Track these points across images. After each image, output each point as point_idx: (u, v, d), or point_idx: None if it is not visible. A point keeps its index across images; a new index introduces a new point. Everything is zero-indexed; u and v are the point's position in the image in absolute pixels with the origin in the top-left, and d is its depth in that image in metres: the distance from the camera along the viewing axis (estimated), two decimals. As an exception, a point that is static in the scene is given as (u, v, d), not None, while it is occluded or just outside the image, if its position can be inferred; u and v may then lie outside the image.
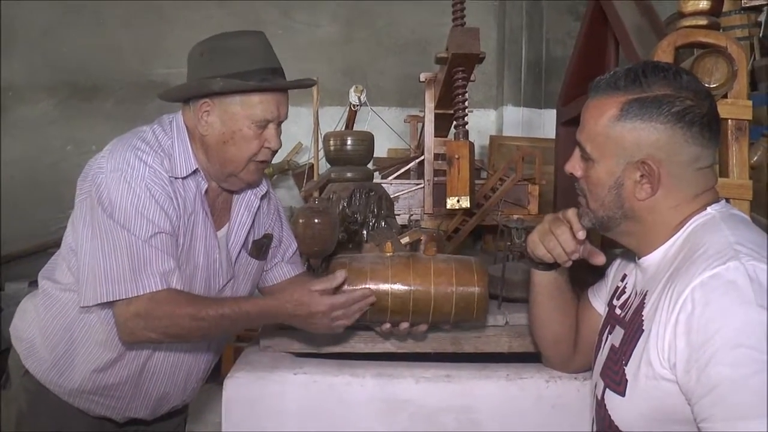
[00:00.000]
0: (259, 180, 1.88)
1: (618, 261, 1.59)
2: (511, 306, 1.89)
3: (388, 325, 1.66)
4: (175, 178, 1.74)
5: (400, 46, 5.38)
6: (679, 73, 1.30)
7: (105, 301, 1.64)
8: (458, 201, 2.26)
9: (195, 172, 1.77)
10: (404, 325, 1.65)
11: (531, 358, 1.75)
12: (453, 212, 2.69)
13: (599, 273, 1.64)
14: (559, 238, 1.46)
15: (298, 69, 1.85)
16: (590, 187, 1.37)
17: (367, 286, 1.60)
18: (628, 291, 1.45)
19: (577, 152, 1.40)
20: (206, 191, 1.80)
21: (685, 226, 1.31)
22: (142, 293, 1.63)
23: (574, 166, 1.40)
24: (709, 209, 1.31)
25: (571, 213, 1.46)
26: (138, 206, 1.65)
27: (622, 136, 1.30)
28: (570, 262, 1.50)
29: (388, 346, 1.76)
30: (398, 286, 1.61)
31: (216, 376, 2.13)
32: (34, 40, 5.28)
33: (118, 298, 1.63)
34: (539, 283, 1.59)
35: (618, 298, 1.47)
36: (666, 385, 1.20)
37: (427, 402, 1.63)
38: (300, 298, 1.62)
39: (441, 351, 1.77)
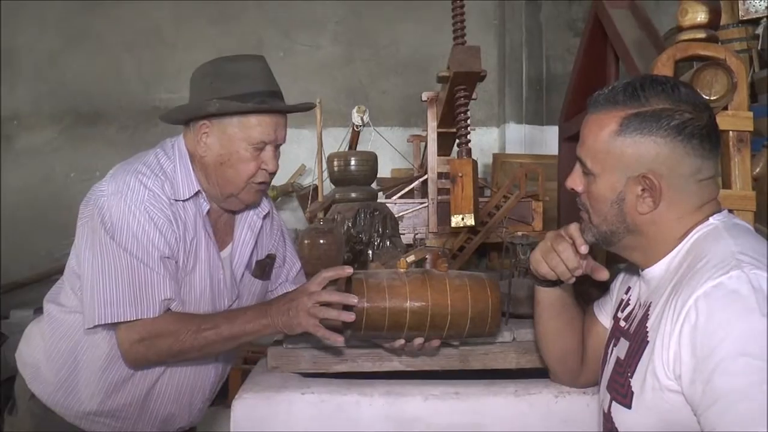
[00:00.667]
0: (259, 201, 1.91)
1: (622, 274, 1.59)
2: (518, 322, 1.89)
3: (402, 341, 1.64)
4: (177, 200, 1.76)
5: (401, 66, 5.40)
6: (677, 86, 1.30)
7: (106, 322, 1.67)
8: (462, 219, 2.26)
9: (197, 194, 1.79)
10: (418, 341, 1.64)
11: (539, 374, 1.74)
12: (458, 230, 2.69)
13: (604, 287, 1.64)
14: (561, 255, 1.46)
15: (300, 90, 1.89)
16: (592, 202, 1.38)
17: (386, 303, 1.59)
18: (632, 303, 1.44)
19: (577, 167, 1.40)
20: (208, 212, 1.82)
21: (687, 237, 1.31)
22: (142, 317, 1.66)
23: (575, 181, 1.41)
24: (711, 219, 1.31)
25: (574, 228, 1.46)
26: (137, 229, 1.68)
27: (623, 151, 1.30)
28: (573, 279, 1.49)
29: (396, 365, 1.75)
30: (416, 303, 1.60)
31: (223, 399, 2.13)
32: (37, 69, 5.32)
33: (118, 320, 1.66)
34: (543, 300, 1.59)
35: (622, 311, 1.47)
36: (672, 396, 1.20)
37: (436, 419, 1.62)
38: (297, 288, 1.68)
39: (449, 368, 1.76)
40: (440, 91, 2.70)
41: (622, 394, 1.32)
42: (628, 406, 1.29)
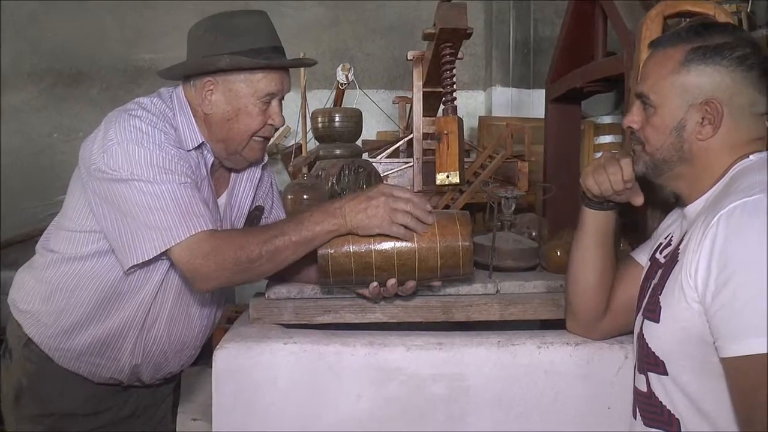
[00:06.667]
0: (262, 157, 1.92)
1: (665, 223, 1.62)
2: (502, 275, 1.89)
3: (375, 284, 1.65)
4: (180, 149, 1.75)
5: (387, 28, 5.36)
6: (736, 28, 1.42)
7: (162, 250, 1.65)
8: (447, 177, 2.25)
9: (201, 145, 1.80)
10: (391, 282, 1.64)
11: (522, 326, 1.75)
12: (443, 189, 2.68)
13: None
14: (610, 176, 1.51)
15: (286, 52, 1.87)
16: (650, 132, 1.44)
17: (350, 247, 1.61)
18: (673, 243, 1.48)
19: (637, 106, 1.47)
20: (212, 165, 1.84)
21: (728, 173, 1.37)
22: (196, 232, 1.63)
23: (634, 118, 1.47)
24: (751, 156, 1.37)
25: (626, 161, 1.51)
26: (164, 162, 1.67)
27: (686, 80, 1.38)
28: (614, 195, 1.54)
29: (379, 316, 1.75)
30: (381, 242, 1.61)
31: (207, 359, 2.12)
32: (18, 28, 5.23)
33: (172, 244, 1.63)
34: (588, 223, 1.60)
35: (661, 252, 1.52)
36: (694, 306, 1.27)
37: (418, 370, 1.62)
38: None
39: (432, 320, 1.76)
40: (426, 50, 2.68)
41: (652, 311, 1.39)
42: (657, 320, 1.37)
